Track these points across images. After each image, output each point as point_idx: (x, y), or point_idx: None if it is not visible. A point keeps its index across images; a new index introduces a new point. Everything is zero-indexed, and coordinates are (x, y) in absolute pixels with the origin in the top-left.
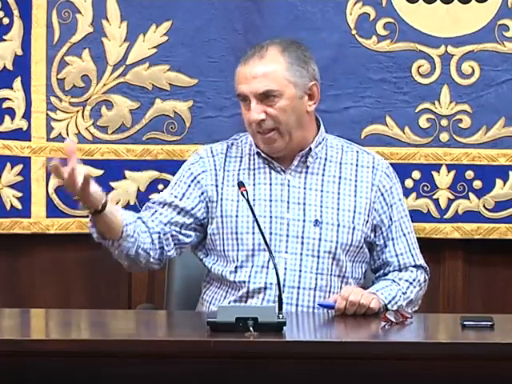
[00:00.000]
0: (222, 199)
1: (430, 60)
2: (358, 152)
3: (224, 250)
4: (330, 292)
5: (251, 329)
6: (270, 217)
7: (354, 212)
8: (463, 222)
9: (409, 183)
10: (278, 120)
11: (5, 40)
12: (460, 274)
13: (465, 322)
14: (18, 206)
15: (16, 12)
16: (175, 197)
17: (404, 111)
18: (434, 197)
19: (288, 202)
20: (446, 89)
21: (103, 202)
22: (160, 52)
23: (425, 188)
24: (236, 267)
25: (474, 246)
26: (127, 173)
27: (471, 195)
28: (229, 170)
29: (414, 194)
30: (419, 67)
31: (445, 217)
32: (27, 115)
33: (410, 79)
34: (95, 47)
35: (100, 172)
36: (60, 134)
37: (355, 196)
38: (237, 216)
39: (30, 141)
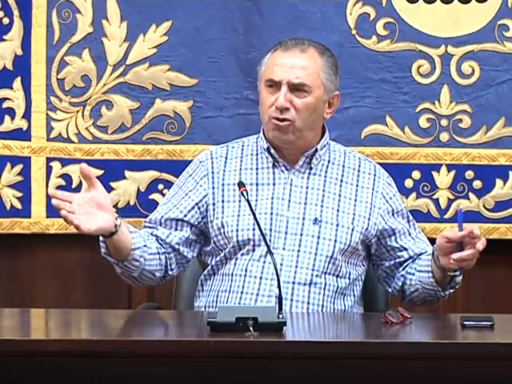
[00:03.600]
0: (223, 201)
1: (430, 60)
2: (360, 159)
3: (225, 249)
4: (324, 289)
5: (251, 329)
6: (271, 213)
7: (354, 214)
8: (463, 222)
9: (409, 183)
10: (299, 114)
11: (5, 40)
12: None
13: (465, 322)
14: (18, 205)
15: (16, 12)
16: (181, 212)
17: (404, 111)
18: (434, 197)
19: (289, 201)
20: (445, 89)
21: (115, 226)
22: (160, 52)
23: (425, 188)
24: (236, 259)
25: None
26: (127, 173)
27: (471, 195)
28: (230, 170)
29: (414, 194)
30: (419, 67)
31: (445, 217)
32: (27, 115)
33: (410, 79)
34: (95, 47)
35: (100, 172)
36: (60, 133)
37: (355, 200)
38: (238, 215)
39: (29, 141)
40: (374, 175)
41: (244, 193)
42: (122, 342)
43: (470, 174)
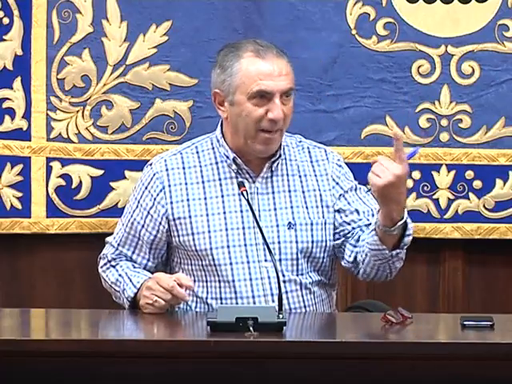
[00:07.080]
0: (190, 216)
1: (430, 60)
2: (308, 148)
3: (201, 266)
4: (312, 286)
5: (251, 329)
6: (243, 228)
7: (322, 207)
8: (463, 222)
9: (409, 183)
10: (287, 120)
11: (5, 40)
12: (460, 274)
13: (465, 322)
14: (18, 205)
15: (16, 12)
16: (143, 226)
17: (404, 111)
18: (434, 197)
19: (259, 210)
20: (445, 89)
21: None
22: (160, 52)
23: (425, 188)
24: (220, 282)
25: (474, 245)
26: (127, 173)
27: (471, 195)
28: (192, 182)
29: (413, 194)
30: (419, 67)
31: (445, 217)
32: (27, 115)
33: (410, 79)
34: (95, 47)
35: (100, 172)
36: (60, 133)
37: (319, 190)
38: (209, 231)
39: (29, 141)
40: (327, 159)
41: (244, 193)
42: (122, 342)
43: (469, 173)
